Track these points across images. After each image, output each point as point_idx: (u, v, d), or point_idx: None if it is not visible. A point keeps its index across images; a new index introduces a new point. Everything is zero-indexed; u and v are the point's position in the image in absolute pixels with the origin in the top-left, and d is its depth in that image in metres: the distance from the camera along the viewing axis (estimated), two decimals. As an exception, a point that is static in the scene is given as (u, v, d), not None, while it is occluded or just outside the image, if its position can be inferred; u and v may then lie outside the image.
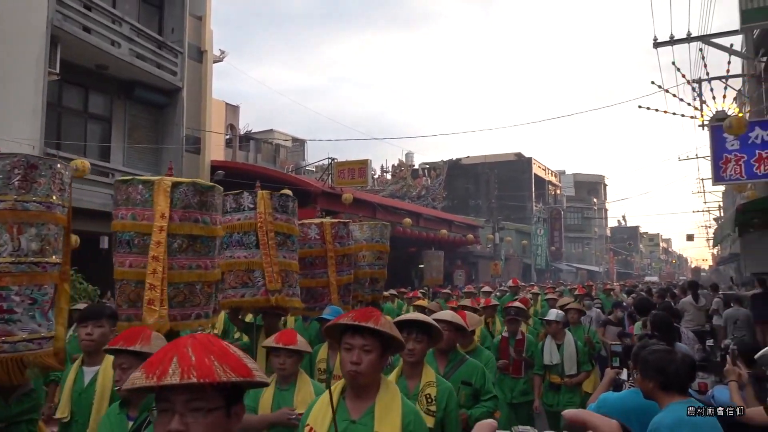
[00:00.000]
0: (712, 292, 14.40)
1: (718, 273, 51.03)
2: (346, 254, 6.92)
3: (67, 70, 13.29)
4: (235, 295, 5.43)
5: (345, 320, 2.42)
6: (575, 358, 6.32)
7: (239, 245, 5.50)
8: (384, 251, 8.09)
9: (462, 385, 3.81)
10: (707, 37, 12.55)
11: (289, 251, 5.63)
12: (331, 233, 6.71)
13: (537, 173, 51.90)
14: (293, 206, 5.84)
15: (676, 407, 2.63)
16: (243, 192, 5.64)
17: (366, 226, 8.07)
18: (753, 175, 10.65)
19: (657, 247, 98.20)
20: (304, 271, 6.36)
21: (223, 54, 24.14)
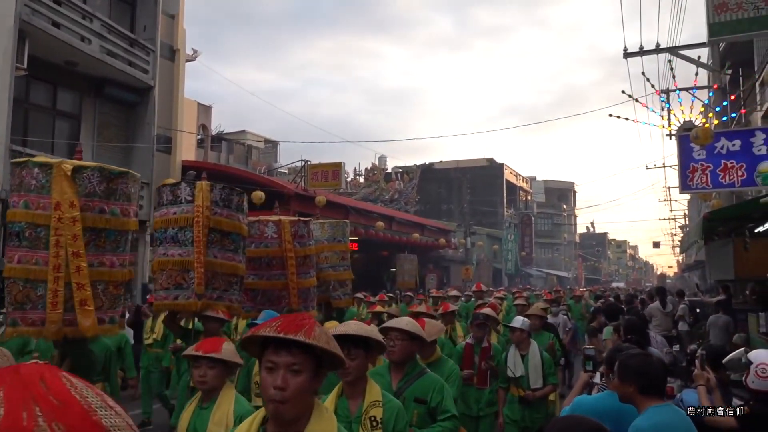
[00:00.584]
0: (678, 299, 14.71)
1: (683, 280, 52.12)
2: (307, 255, 6.41)
3: (36, 66, 13.00)
4: (168, 297, 4.91)
5: (266, 330, 1.78)
6: (541, 370, 5.78)
7: (174, 242, 4.94)
8: (346, 251, 7.73)
9: (415, 402, 3.35)
10: (675, 48, 12.84)
11: (225, 250, 5.06)
12: (290, 232, 6.18)
13: (508, 179, 52.41)
14: (239, 201, 5.31)
15: (656, 411, 2.67)
16: (181, 183, 5.19)
17: (327, 224, 7.61)
18: (718, 184, 10.92)
19: (624, 254, 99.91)
20: (259, 272, 6.02)
21: (195, 53, 23.89)
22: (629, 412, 2.81)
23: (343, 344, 2.43)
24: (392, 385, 3.44)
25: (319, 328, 1.86)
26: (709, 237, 10.22)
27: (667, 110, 13.84)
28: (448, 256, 37.21)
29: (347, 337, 2.73)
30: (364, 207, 26.26)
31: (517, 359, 5.83)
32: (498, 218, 48.10)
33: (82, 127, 15.23)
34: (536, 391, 5.75)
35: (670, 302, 12.52)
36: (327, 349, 1.81)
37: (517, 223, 50.19)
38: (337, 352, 1.85)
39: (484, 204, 46.70)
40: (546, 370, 5.81)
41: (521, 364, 5.78)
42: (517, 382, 5.80)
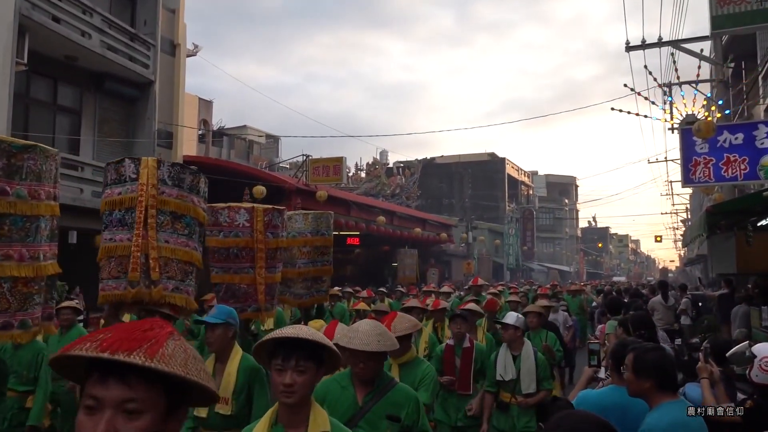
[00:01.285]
0: (681, 293, 14.69)
1: (685, 274, 52.10)
2: (278, 247, 5.85)
3: (36, 61, 12.97)
4: (117, 287, 4.40)
5: (81, 348, 1.13)
6: (534, 373, 5.13)
7: (120, 225, 4.47)
8: (328, 245, 7.14)
9: (387, 420, 2.86)
10: (678, 42, 12.78)
11: (178, 235, 4.59)
12: (263, 221, 5.64)
13: (510, 173, 52.36)
14: (193, 181, 4.77)
15: (670, 407, 2.63)
16: (125, 159, 4.67)
17: (311, 216, 7.00)
18: (721, 177, 10.88)
19: (626, 248, 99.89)
20: (226, 264, 5.52)
21: (196, 48, 23.83)
22: (635, 407, 2.79)
23: (288, 353, 2.12)
24: (357, 399, 2.92)
25: (175, 342, 1.21)
26: (711, 231, 10.18)
27: (670, 104, 13.79)
28: (450, 250, 37.20)
29: (296, 343, 2.14)
30: (365, 202, 26.24)
31: (508, 361, 5.22)
32: (499, 213, 48.07)
33: (82, 122, 15.21)
34: (529, 398, 5.11)
35: (672, 296, 12.50)
36: (184, 376, 1.15)
37: (518, 217, 50.16)
38: (201, 381, 1.19)
39: (485, 198, 46.66)
40: (540, 374, 5.17)
41: (513, 367, 5.17)
42: (507, 387, 5.20)
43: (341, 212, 22.80)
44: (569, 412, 1.65)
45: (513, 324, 5.24)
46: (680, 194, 31.56)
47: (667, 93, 13.91)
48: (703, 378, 3.61)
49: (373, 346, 2.88)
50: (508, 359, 5.22)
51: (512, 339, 5.25)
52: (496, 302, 8.71)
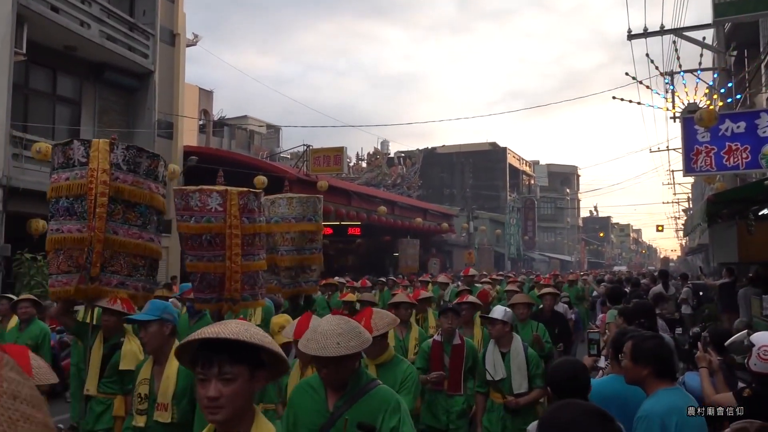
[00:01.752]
0: (682, 282, 14.69)
1: (686, 263, 52.11)
2: (256, 233, 5.51)
3: (35, 51, 12.93)
4: (68, 282, 4.12)
5: None
6: (526, 371, 4.79)
7: (69, 215, 4.15)
8: (317, 231, 6.68)
9: (359, 430, 2.55)
10: (680, 30, 12.71)
11: (130, 225, 4.29)
12: (237, 205, 5.30)
13: (511, 163, 52.29)
14: (151, 166, 4.43)
15: (666, 394, 2.65)
16: (74, 141, 4.29)
17: (296, 200, 6.52)
18: (722, 166, 10.85)
19: (627, 238, 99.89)
20: (199, 252, 5.21)
21: (196, 38, 23.75)
22: (635, 397, 2.79)
23: (209, 359, 1.70)
24: (328, 404, 2.61)
25: None
26: (712, 220, 10.16)
27: (672, 92, 13.74)
28: (451, 240, 37.21)
29: (219, 345, 1.70)
30: (366, 192, 26.23)
31: (497, 358, 4.85)
32: (501, 202, 48.04)
33: (82, 113, 15.19)
34: (521, 397, 4.73)
35: (673, 285, 12.50)
36: None
37: (519, 207, 50.13)
38: None
39: (486, 188, 46.62)
40: (532, 371, 4.81)
41: (502, 365, 4.82)
42: (498, 387, 4.83)
43: (342, 202, 22.80)
44: (567, 401, 1.64)
45: (501, 318, 4.84)
46: (682, 183, 31.54)
47: (669, 81, 13.86)
48: (702, 367, 3.61)
49: (330, 350, 2.46)
50: (497, 357, 4.84)
51: (500, 335, 4.84)
52: (488, 293, 8.32)
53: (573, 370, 2.77)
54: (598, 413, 1.54)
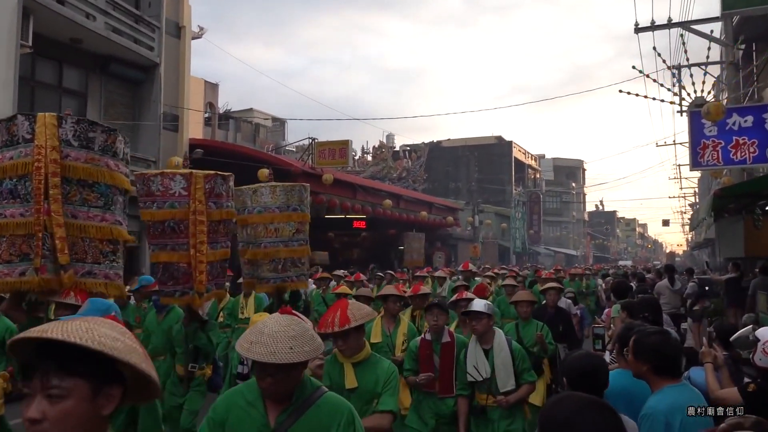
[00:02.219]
0: (688, 277, 14.64)
1: (692, 258, 51.94)
2: (223, 219, 5.10)
3: (41, 44, 12.93)
4: (11, 273, 3.72)
5: None
6: (511, 367, 4.45)
7: (12, 197, 3.76)
8: (304, 221, 6.26)
9: None
10: (688, 23, 12.60)
11: (90, 207, 3.88)
12: (203, 189, 4.90)
13: (517, 157, 52.12)
14: (108, 141, 4.00)
15: (671, 391, 2.62)
16: (17, 116, 3.91)
17: (279, 189, 6.09)
18: (729, 161, 10.78)
19: (633, 232, 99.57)
20: (162, 240, 4.80)
21: (201, 31, 23.74)
22: (643, 392, 2.77)
23: (45, 371, 1.28)
24: (269, 419, 2.22)
25: None
26: (719, 214, 10.12)
27: (679, 86, 13.65)
28: (456, 234, 37.18)
29: (48, 349, 1.29)
30: (371, 185, 26.22)
31: (479, 357, 4.47)
32: (506, 196, 47.93)
33: (88, 105, 15.20)
34: (509, 396, 4.42)
35: (679, 280, 12.45)
36: None
37: (525, 201, 50.02)
38: None
39: (492, 182, 46.52)
40: (518, 366, 4.48)
41: (485, 363, 4.45)
42: (482, 387, 4.50)
43: (347, 195, 22.79)
44: (568, 394, 1.63)
45: (484, 311, 4.48)
46: (688, 178, 31.36)
47: (677, 75, 13.76)
48: (706, 362, 3.59)
49: (281, 356, 2.09)
50: (479, 355, 4.49)
51: (486, 330, 4.48)
52: (486, 288, 8.10)
53: (591, 364, 2.70)
54: (598, 404, 1.53)
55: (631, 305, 5.14)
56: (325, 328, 3.17)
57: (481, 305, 4.55)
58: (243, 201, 6.11)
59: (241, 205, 6.08)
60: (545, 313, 6.98)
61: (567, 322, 7.18)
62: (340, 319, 3.16)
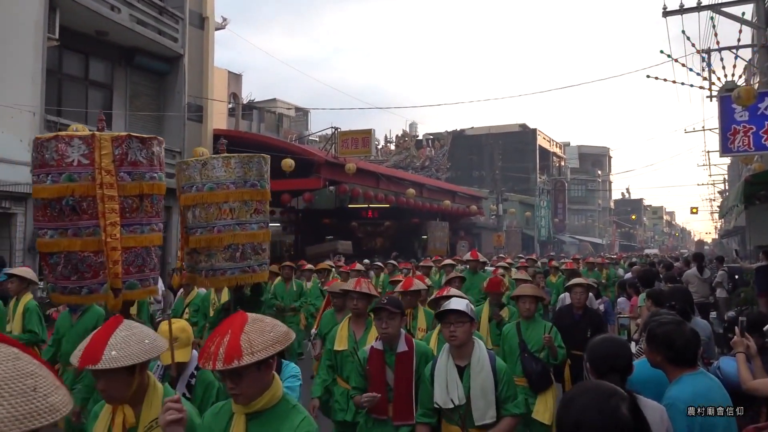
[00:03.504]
0: (718, 265, 14.38)
1: (721, 246, 51.03)
2: (145, 194, 4.16)
3: (67, 36, 13.10)
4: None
5: None
6: (492, 394, 3.33)
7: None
8: (264, 200, 5.21)
9: None
10: (718, 6, 12.30)
11: None
12: (111, 155, 3.92)
13: (541, 144, 51.61)
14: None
15: (690, 380, 2.62)
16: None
17: (234, 161, 5.05)
18: (761, 146, 10.54)
19: (660, 220, 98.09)
20: (60, 223, 3.92)
21: (225, 21, 23.82)
22: (663, 378, 2.75)
23: None
24: None
25: None
26: (749, 201, 9.91)
27: (708, 71, 13.34)
28: (480, 223, 37.01)
29: None
30: (394, 174, 26.18)
31: (451, 375, 3.35)
32: (530, 184, 47.54)
33: (114, 97, 15.40)
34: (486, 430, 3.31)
35: (708, 268, 12.24)
36: None
37: (549, 189, 49.56)
38: None
39: (516, 170, 46.10)
40: (501, 392, 3.35)
41: (459, 384, 3.34)
42: (454, 417, 3.35)
43: (371, 185, 22.79)
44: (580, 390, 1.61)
45: (469, 313, 3.38)
46: (717, 164, 30.76)
47: (706, 59, 13.44)
48: (739, 352, 3.52)
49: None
50: (452, 373, 3.35)
51: (466, 339, 3.36)
52: (501, 282, 6.44)
53: (614, 347, 2.63)
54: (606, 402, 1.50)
55: (656, 294, 5.07)
56: (205, 361, 2.11)
57: (462, 304, 3.39)
58: (190, 176, 5.02)
59: (188, 181, 5.03)
60: (571, 316, 6.03)
61: (597, 327, 5.77)
62: (226, 352, 2.04)
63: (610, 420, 1.45)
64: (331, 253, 21.35)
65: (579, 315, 5.99)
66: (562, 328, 5.28)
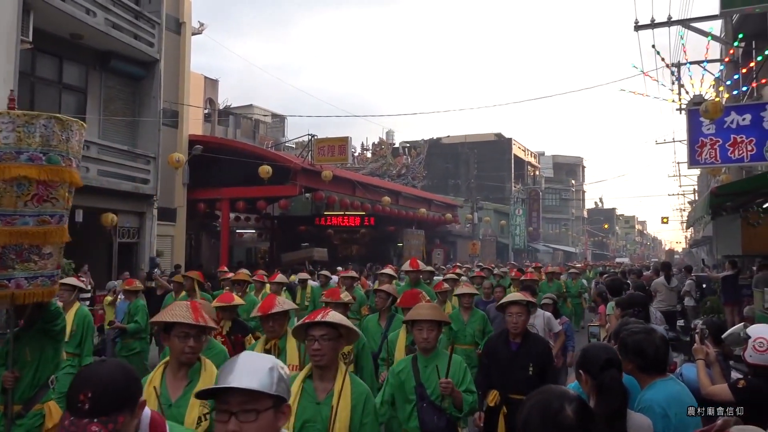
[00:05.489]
0: (686, 274, 14.70)
1: (690, 255, 52.00)
2: None
3: (41, 39, 12.96)
4: None
5: None
6: None
7: None
8: (57, 181, 3.57)
9: None
10: (687, 21, 12.64)
11: None
12: None
13: (516, 154, 52.15)
14: None
15: (663, 385, 2.71)
16: None
17: (10, 120, 3.46)
18: (727, 159, 10.83)
19: (632, 229, 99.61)
20: None
21: (202, 26, 23.73)
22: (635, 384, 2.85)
23: None
24: None
25: None
26: (716, 212, 10.16)
27: (678, 84, 13.69)
28: (455, 231, 37.24)
29: None
30: (371, 182, 26.25)
31: None
32: (506, 193, 47.98)
33: (88, 101, 15.24)
34: None
35: (675, 277, 12.52)
36: None
37: (524, 198, 50.06)
38: None
39: (491, 179, 46.49)
40: None
41: None
42: None
43: (347, 192, 22.83)
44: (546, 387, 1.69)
45: None
46: (687, 175, 31.46)
47: (676, 73, 13.80)
48: (698, 359, 3.64)
49: None
50: None
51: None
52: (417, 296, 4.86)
53: (605, 346, 2.79)
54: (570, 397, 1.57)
55: (622, 301, 5.22)
56: None
57: None
58: None
59: None
60: (505, 346, 4.30)
61: (543, 360, 4.21)
62: None
63: (551, 422, 1.51)
64: (307, 260, 21.33)
65: (516, 345, 4.28)
66: (494, 363, 4.19)
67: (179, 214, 18.25)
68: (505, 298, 4.51)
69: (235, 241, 25.93)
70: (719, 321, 5.41)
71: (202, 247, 22.94)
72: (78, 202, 13.64)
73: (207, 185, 19.24)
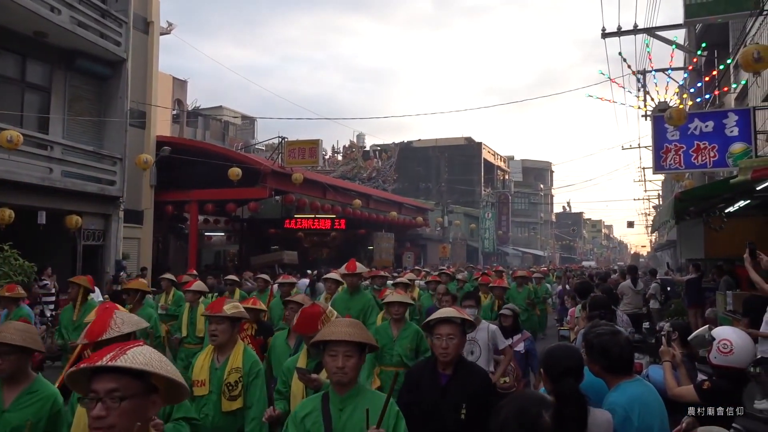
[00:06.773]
0: (651, 277, 14.97)
1: (655, 259, 53.07)
2: None
3: (3, 36, 12.65)
4: None
5: None
6: None
7: None
8: None
9: None
10: (653, 29, 12.92)
11: None
12: None
13: (486, 158, 52.58)
14: None
15: (628, 386, 2.74)
16: None
17: None
18: (691, 164, 11.10)
19: (599, 233, 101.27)
20: None
21: (170, 26, 23.45)
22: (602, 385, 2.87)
23: None
24: None
25: None
26: (680, 217, 10.38)
27: (643, 91, 13.98)
28: (426, 234, 37.39)
29: None
30: (341, 185, 26.20)
31: None
32: (475, 197, 48.33)
33: (52, 100, 14.88)
34: None
35: (641, 281, 12.75)
36: None
37: (494, 202, 50.50)
38: None
39: (461, 183, 46.82)
40: None
41: None
42: None
43: (317, 195, 22.75)
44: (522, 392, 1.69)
45: None
46: (652, 180, 32.05)
47: (641, 80, 14.10)
48: (665, 361, 3.71)
49: None
50: None
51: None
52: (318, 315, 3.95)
53: (568, 351, 2.72)
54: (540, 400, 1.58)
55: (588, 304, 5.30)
56: None
57: None
58: None
59: None
60: (433, 380, 3.27)
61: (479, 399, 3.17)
62: None
63: (530, 428, 1.51)
64: (277, 263, 21.17)
65: (447, 377, 3.26)
66: (416, 403, 3.18)
67: (146, 217, 17.94)
68: (433, 315, 3.42)
69: (203, 244, 25.61)
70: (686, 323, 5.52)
71: (170, 250, 22.60)
72: (41, 203, 13.35)
73: (175, 187, 18.97)
